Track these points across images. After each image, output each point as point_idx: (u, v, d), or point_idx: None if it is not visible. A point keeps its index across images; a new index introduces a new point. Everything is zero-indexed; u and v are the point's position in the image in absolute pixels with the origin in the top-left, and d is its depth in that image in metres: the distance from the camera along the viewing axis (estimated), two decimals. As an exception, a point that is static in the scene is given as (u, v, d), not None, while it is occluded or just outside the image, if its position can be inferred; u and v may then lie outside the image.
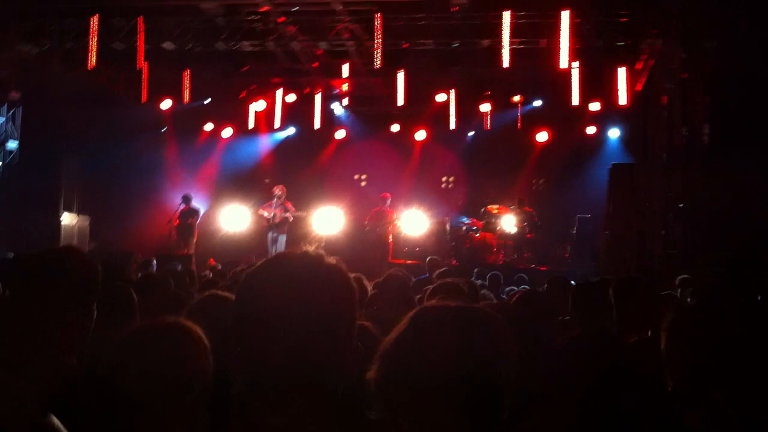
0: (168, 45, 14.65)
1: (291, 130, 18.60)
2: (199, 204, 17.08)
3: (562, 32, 12.95)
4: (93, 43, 14.24)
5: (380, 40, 13.67)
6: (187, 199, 16.69)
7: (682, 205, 12.32)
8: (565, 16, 12.81)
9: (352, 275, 1.91)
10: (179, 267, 11.89)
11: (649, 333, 4.18)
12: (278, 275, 1.83)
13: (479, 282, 9.11)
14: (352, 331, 1.85)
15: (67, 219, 16.75)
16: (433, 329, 1.90)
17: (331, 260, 1.87)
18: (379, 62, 13.88)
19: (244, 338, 1.81)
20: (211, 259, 15.25)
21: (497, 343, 1.89)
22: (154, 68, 15.14)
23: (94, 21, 13.96)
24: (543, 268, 15.23)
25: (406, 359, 1.86)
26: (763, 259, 8.98)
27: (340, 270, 1.86)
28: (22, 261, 2.93)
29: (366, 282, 6.30)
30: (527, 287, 8.82)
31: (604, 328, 4.32)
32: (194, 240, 16.64)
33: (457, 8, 13.23)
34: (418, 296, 6.19)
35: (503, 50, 13.29)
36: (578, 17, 13.13)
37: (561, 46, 13.02)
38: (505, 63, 13.42)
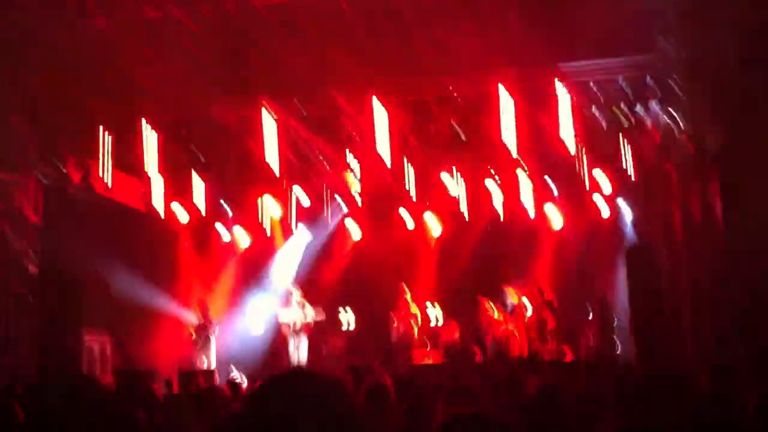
0: (181, 154, 14.97)
1: (306, 234, 18.66)
2: (217, 314, 17.04)
3: (565, 117, 13.09)
4: (107, 158, 14.58)
5: (387, 134, 13.86)
6: (204, 311, 16.68)
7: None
8: (567, 101, 12.95)
9: (374, 383, 1.95)
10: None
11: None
12: (275, 404, 1.83)
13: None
14: None
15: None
16: None
17: (330, 379, 1.86)
18: (388, 157, 14.04)
19: None
20: (231, 374, 15.24)
21: None
22: (168, 179, 15.44)
23: (106, 137, 14.30)
24: (568, 359, 14.94)
25: None
26: None
27: (339, 389, 1.86)
28: (34, 390, 2.89)
29: (389, 390, 5.97)
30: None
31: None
32: (213, 352, 16.54)
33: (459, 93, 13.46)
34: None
35: (509, 135, 13.41)
36: (580, 99, 13.28)
37: (563, 125, 13.12)
38: (513, 151, 13.53)
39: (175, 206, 16.59)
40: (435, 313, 16.91)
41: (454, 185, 16.00)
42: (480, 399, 4.92)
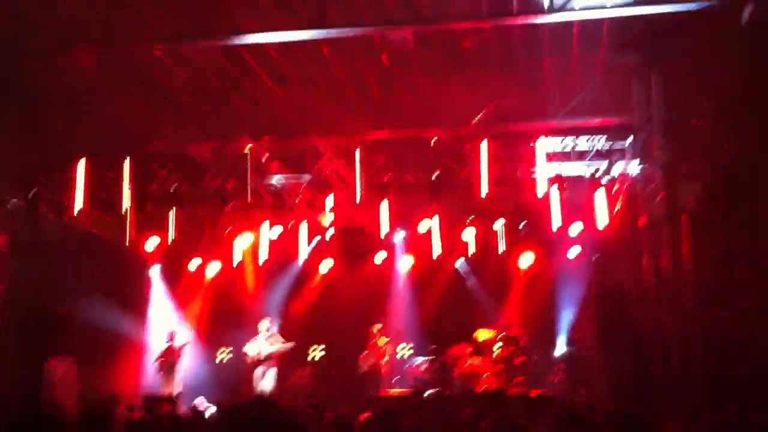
0: (152, 186, 14.88)
1: (276, 266, 18.64)
2: (183, 341, 16.92)
3: (537, 159, 13.32)
4: (80, 189, 14.43)
5: (362, 174, 13.96)
6: (171, 336, 16.58)
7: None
8: (540, 145, 13.19)
9: (337, 412, 2.00)
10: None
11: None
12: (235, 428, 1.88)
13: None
14: None
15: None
16: None
17: (283, 409, 1.93)
18: (361, 196, 14.12)
19: None
20: (196, 402, 15.06)
21: None
22: (138, 209, 15.32)
23: (80, 167, 14.17)
24: (535, 393, 15.07)
25: None
26: None
27: (294, 418, 1.92)
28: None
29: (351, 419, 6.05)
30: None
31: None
32: (180, 379, 16.42)
33: (437, 142, 13.59)
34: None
35: (482, 180, 13.58)
36: (553, 144, 13.52)
37: (537, 173, 13.36)
38: (483, 192, 13.69)
39: (145, 236, 16.46)
40: (403, 348, 17.00)
41: (428, 223, 16.08)
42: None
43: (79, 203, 14.66)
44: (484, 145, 13.49)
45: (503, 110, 12.83)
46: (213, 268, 18.28)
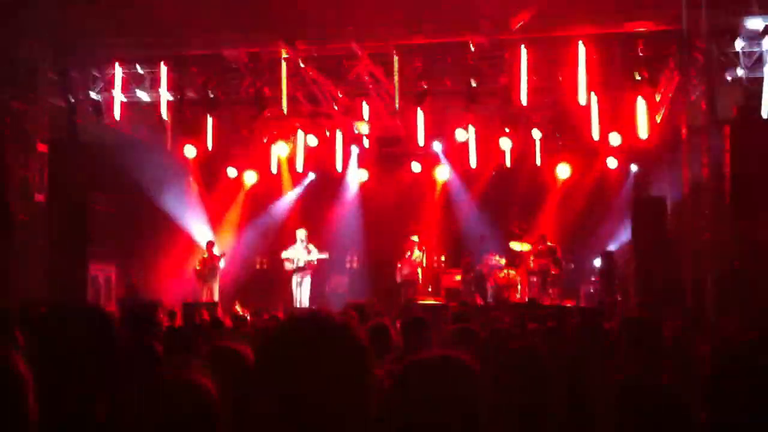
0: (191, 93, 14.92)
1: (312, 176, 18.71)
2: (223, 249, 17.18)
3: (579, 66, 13.05)
4: (117, 92, 14.55)
5: (399, 82, 13.82)
6: (210, 245, 16.83)
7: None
8: (582, 50, 12.89)
9: (376, 320, 2.02)
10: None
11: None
12: (289, 342, 1.91)
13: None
14: (365, 389, 1.90)
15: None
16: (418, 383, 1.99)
17: (341, 321, 1.94)
18: (398, 103, 14.00)
19: (261, 403, 1.89)
20: (235, 306, 15.34)
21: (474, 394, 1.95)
22: (178, 115, 15.44)
23: (118, 71, 14.25)
24: (569, 303, 15.16)
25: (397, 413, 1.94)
26: None
27: (350, 331, 1.93)
28: (40, 316, 2.88)
29: (392, 330, 6.13)
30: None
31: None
32: (217, 286, 16.74)
33: (476, 47, 13.37)
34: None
35: (521, 87, 13.38)
36: (596, 51, 13.20)
37: (579, 80, 13.10)
38: (523, 100, 13.50)
39: (183, 142, 16.58)
40: (439, 258, 17.08)
41: (464, 133, 15.96)
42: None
43: (117, 107, 14.81)
44: (523, 52, 13.25)
45: (543, 14, 12.49)
46: (250, 176, 18.38)
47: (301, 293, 16.51)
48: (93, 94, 15.21)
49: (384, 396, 2.00)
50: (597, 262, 16.07)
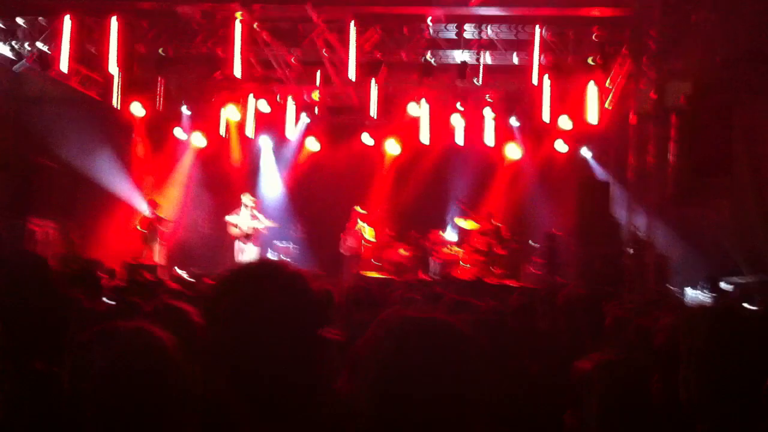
0: (141, 47, 14.61)
1: (263, 139, 18.54)
2: (166, 211, 16.93)
3: (534, 47, 13.13)
4: (65, 44, 14.15)
5: (355, 51, 13.72)
6: (154, 206, 16.57)
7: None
8: (538, 31, 12.96)
9: (321, 289, 1.91)
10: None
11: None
12: (241, 286, 1.83)
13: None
14: (321, 341, 1.84)
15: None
16: (409, 339, 1.79)
17: (293, 268, 1.87)
18: (353, 73, 13.90)
19: (211, 350, 1.82)
20: (174, 269, 15.15)
21: (472, 361, 1.82)
22: (126, 72, 15.09)
23: (67, 22, 13.85)
24: (512, 283, 15.29)
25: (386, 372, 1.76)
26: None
27: (302, 278, 1.86)
28: None
29: (334, 296, 6.10)
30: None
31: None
32: (160, 248, 16.50)
33: (433, 21, 13.34)
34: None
35: (479, 65, 13.43)
36: (551, 33, 13.29)
37: (533, 62, 13.19)
38: (478, 79, 13.56)
39: (131, 99, 16.23)
40: (383, 232, 17.08)
41: (417, 108, 15.95)
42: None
43: (65, 59, 14.42)
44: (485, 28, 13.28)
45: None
46: (199, 138, 18.11)
47: (244, 261, 16.37)
48: (40, 45, 14.78)
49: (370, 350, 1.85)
50: (539, 242, 16.24)
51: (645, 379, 2.78)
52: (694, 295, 12.56)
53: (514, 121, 16.66)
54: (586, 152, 17.16)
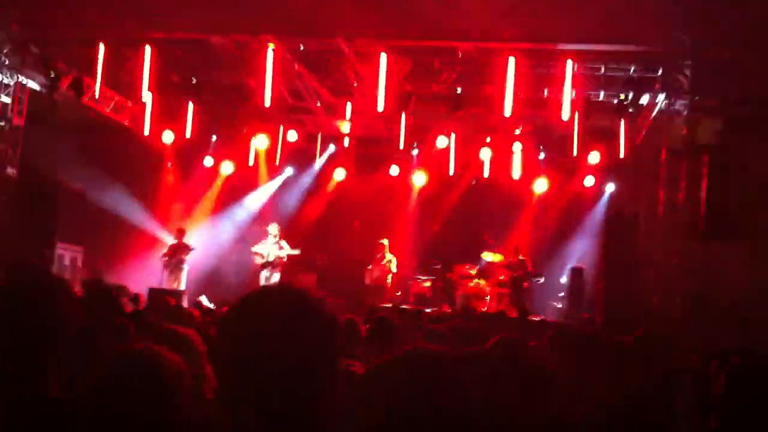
0: (174, 77, 14.77)
1: (289, 171, 18.64)
2: (193, 239, 17.01)
3: (565, 83, 13.10)
4: (99, 72, 14.35)
5: (384, 83, 13.76)
6: (180, 234, 16.66)
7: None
8: (569, 66, 12.94)
9: (345, 317, 1.90)
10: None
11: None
12: (257, 310, 1.81)
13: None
14: (333, 369, 1.81)
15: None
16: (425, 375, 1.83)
17: (314, 296, 1.84)
18: (382, 104, 13.93)
19: (224, 373, 1.80)
20: (199, 298, 15.15)
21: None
22: (158, 99, 15.27)
23: (101, 50, 14.05)
24: (536, 318, 15.15)
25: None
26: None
27: (323, 306, 1.83)
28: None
29: (359, 326, 6.08)
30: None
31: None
32: (185, 276, 16.56)
33: (463, 55, 13.38)
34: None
35: (506, 98, 13.39)
36: (583, 69, 13.27)
37: (564, 97, 13.15)
38: (507, 111, 13.51)
39: (162, 127, 16.40)
40: (409, 264, 17.05)
41: (445, 140, 15.97)
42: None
43: (98, 87, 14.63)
44: (511, 62, 13.26)
45: (534, 28, 12.52)
46: (227, 167, 18.23)
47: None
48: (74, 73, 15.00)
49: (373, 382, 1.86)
50: (565, 279, 16.13)
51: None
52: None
53: (542, 155, 16.63)
54: (614, 187, 17.06)
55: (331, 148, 17.89)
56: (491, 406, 1.83)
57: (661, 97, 13.31)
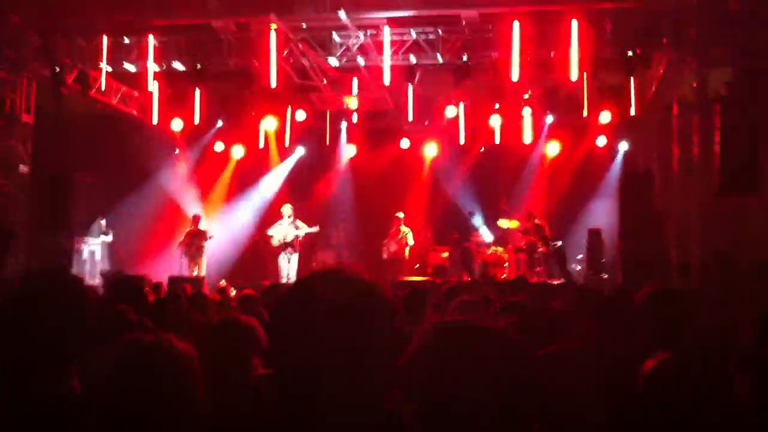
0: (178, 64, 14.72)
1: (300, 151, 18.62)
2: (209, 225, 17.05)
3: (571, 43, 12.95)
4: (103, 64, 14.34)
5: (390, 55, 13.68)
6: (196, 220, 16.69)
7: None
8: (575, 26, 12.79)
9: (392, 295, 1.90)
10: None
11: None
12: (318, 295, 1.79)
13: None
14: (394, 347, 1.81)
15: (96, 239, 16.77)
16: (457, 349, 1.78)
17: (367, 277, 1.84)
18: (388, 78, 13.85)
19: (279, 363, 1.81)
20: (220, 282, 15.20)
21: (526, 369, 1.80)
22: (165, 87, 15.25)
23: (104, 41, 14.03)
24: (555, 281, 15.12)
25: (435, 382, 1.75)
26: None
27: (379, 286, 1.84)
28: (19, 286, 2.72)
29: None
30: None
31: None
32: (204, 262, 16.61)
33: (467, 23, 13.25)
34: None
35: (513, 63, 13.27)
36: (588, 27, 13.11)
37: (571, 57, 13.01)
38: (515, 76, 13.39)
39: (170, 115, 16.40)
40: (426, 235, 17.04)
41: (454, 109, 15.87)
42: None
43: (103, 78, 14.63)
44: (515, 26, 13.13)
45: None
46: (238, 151, 18.23)
47: (290, 269, 16.39)
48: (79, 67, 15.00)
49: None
50: (582, 240, 16.07)
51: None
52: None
53: (552, 118, 16.51)
54: (627, 146, 16.94)
55: (341, 124, 17.83)
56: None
57: (669, 51, 13.13)
